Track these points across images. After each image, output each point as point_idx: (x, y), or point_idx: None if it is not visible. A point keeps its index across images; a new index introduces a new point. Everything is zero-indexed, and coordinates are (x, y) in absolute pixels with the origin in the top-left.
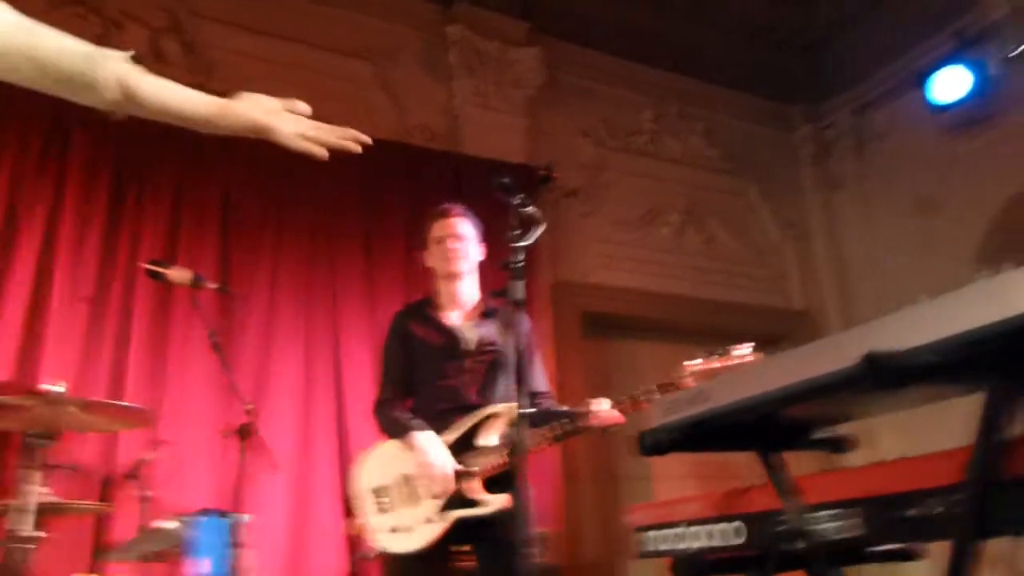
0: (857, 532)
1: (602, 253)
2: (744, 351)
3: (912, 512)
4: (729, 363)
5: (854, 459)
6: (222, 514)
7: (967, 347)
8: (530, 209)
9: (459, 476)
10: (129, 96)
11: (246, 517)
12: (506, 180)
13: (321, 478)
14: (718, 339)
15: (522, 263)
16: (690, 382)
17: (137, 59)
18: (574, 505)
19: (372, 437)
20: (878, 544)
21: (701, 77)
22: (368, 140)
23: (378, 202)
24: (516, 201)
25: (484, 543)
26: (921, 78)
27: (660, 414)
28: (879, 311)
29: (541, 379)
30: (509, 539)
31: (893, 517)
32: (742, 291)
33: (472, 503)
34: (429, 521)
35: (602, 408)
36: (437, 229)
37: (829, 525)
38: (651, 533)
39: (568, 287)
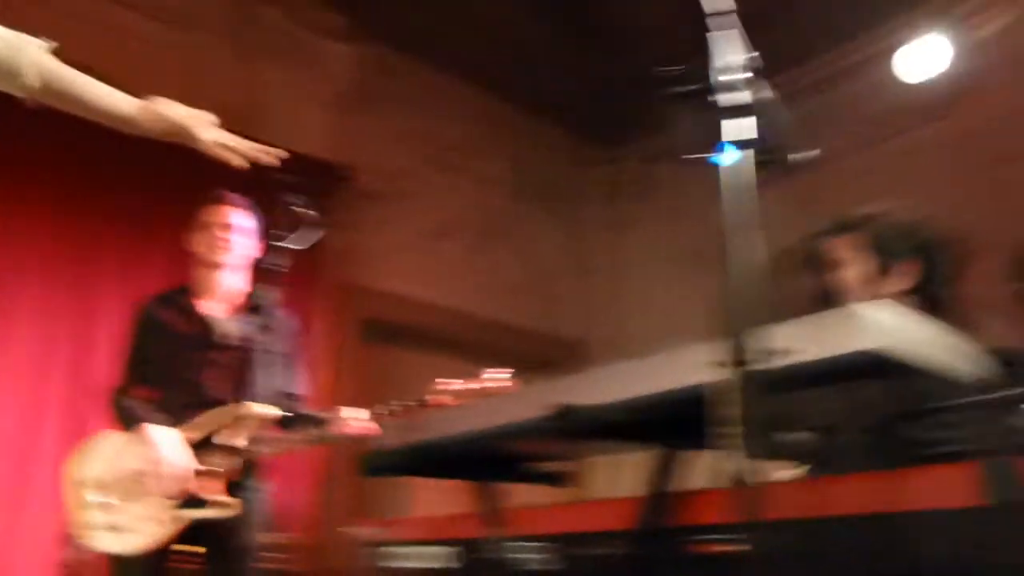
0: (552, 566)
1: (395, 261)
2: (502, 376)
3: (598, 550)
4: (485, 386)
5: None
6: None
7: (643, 410)
8: (309, 211)
9: (199, 475)
10: (47, 85)
11: None
12: (289, 177)
13: (45, 467)
14: (496, 359)
15: (283, 266)
16: (445, 400)
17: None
18: (329, 511)
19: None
20: None
21: (514, 102)
22: (285, 155)
23: (154, 178)
24: (294, 201)
25: (216, 547)
26: None
27: (385, 438)
28: (644, 349)
29: (299, 382)
30: (242, 544)
31: (583, 554)
32: (523, 315)
33: (209, 504)
34: (156, 521)
35: (354, 418)
36: (208, 214)
37: (529, 556)
38: (377, 549)
39: (355, 291)
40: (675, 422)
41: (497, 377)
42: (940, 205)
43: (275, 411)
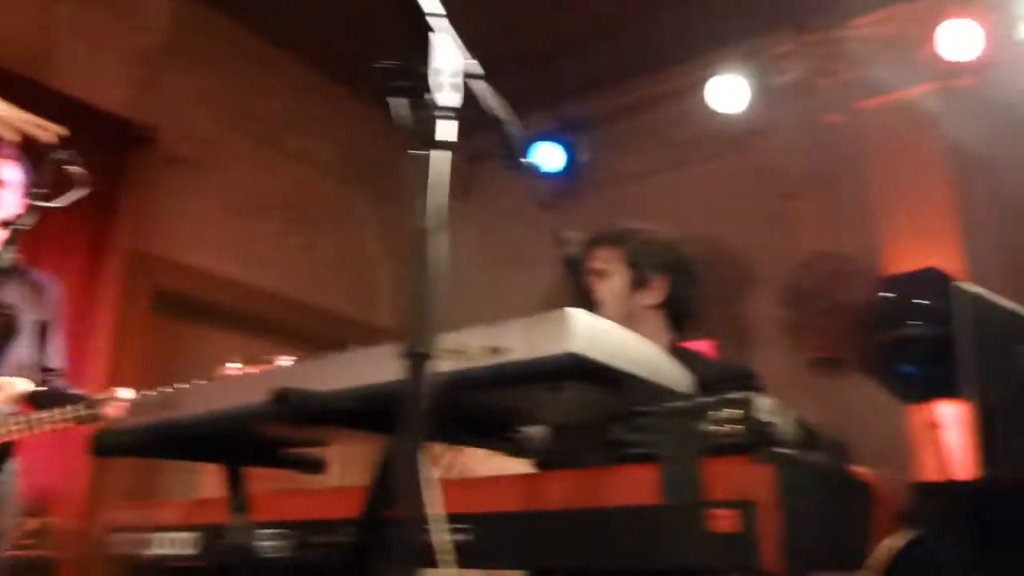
0: (288, 553)
1: (196, 233)
2: (287, 363)
3: (331, 538)
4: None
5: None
6: None
7: (357, 400)
8: (75, 169)
9: None
10: None
11: None
12: (59, 128)
13: None
14: (302, 342)
15: (24, 224)
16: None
17: None
18: (101, 494)
19: None
20: (305, 565)
21: (341, 82)
22: (63, 131)
23: None
24: (63, 156)
25: None
26: (526, 144)
27: (134, 414)
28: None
29: (57, 355)
30: None
31: (317, 541)
32: (334, 299)
33: None
34: None
35: (126, 398)
36: None
37: (268, 544)
38: (122, 535)
39: (148, 260)
40: (387, 414)
41: (285, 364)
42: (730, 231)
43: (27, 386)
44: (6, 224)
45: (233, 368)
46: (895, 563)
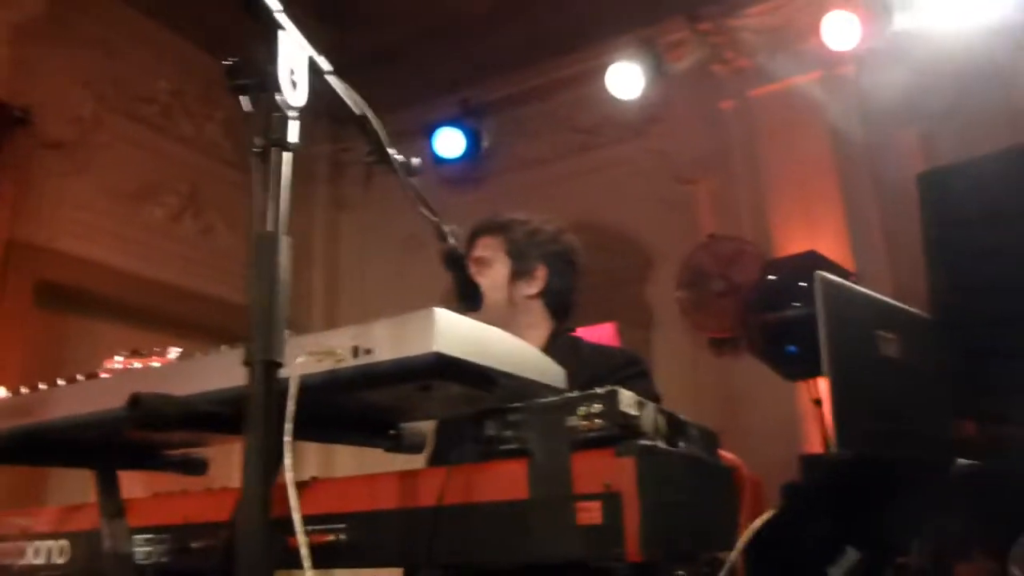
0: (163, 558)
1: (79, 220)
2: (170, 356)
3: (202, 543)
4: (151, 365)
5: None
6: None
7: (217, 403)
8: None
9: None
10: None
11: None
12: None
13: None
14: (199, 333)
15: None
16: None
17: None
18: None
19: None
20: (180, 571)
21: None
22: None
23: None
24: None
25: None
26: (429, 130)
27: None
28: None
29: None
30: None
31: (189, 546)
32: (231, 289)
33: None
34: None
35: None
36: None
37: (142, 549)
38: None
39: (26, 249)
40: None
41: (169, 357)
42: (630, 215)
43: None
44: None
45: (117, 363)
46: (755, 542)
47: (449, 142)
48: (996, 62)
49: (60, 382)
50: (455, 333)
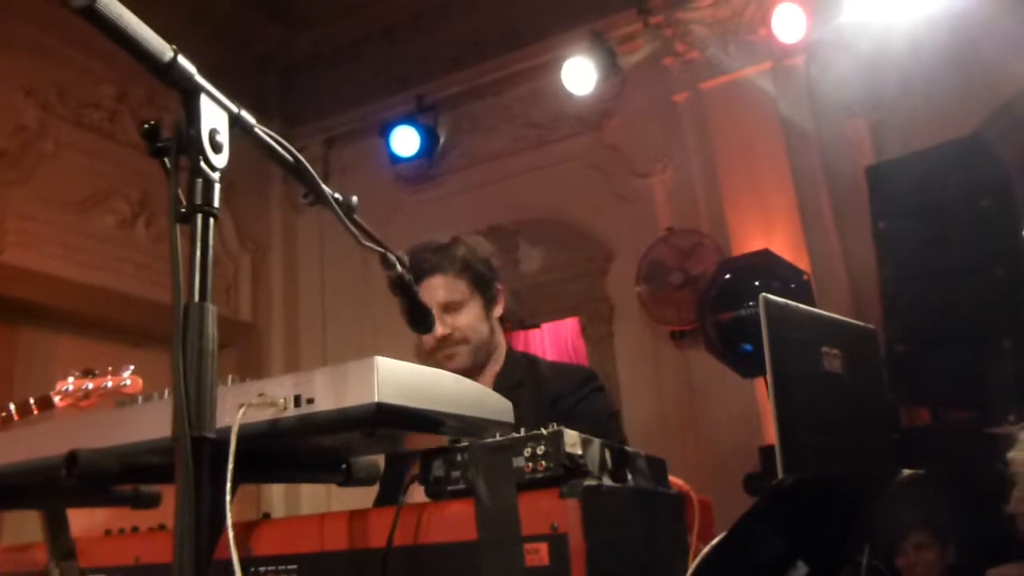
0: None
1: (24, 231)
2: (124, 375)
3: None
4: (105, 384)
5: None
6: None
7: (152, 454)
8: None
9: None
10: None
11: None
12: None
13: None
14: (153, 342)
15: None
16: (64, 401)
17: None
18: None
19: None
20: None
21: None
22: None
23: None
24: None
25: None
26: (384, 128)
27: None
28: (322, 334)
29: None
30: None
31: None
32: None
33: None
34: None
35: None
36: None
37: None
38: None
39: None
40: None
41: (121, 376)
42: (588, 209)
43: None
44: None
45: (70, 383)
46: (704, 565)
47: (405, 140)
48: (943, 52)
49: (11, 407)
50: (396, 380)
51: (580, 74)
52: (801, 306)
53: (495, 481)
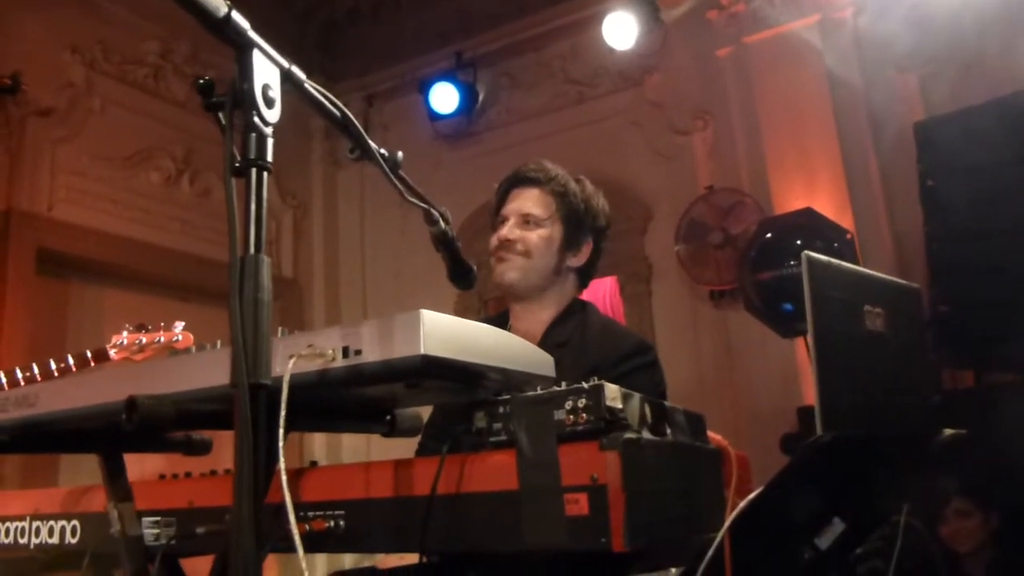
0: (171, 541)
1: (74, 187)
2: (176, 330)
3: (208, 527)
4: (158, 339)
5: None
6: None
7: (207, 402)
8: None
9: None
10: None
11: None
12: None
13: None
14: (199, 296)
15: None
16: (120, 354)
17: None
18: None
19: None
20: (186, 554)
21: None
22: None
23: None
24: None
25: None
26: (424, 85)
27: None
28: (362, 288)
29: None
30: None
31: (194, 530)
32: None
33: None
34: None
35: None
36: None
37: (150, 531)
38: (3, 523)
39: (25, 218)
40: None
41: (173, 331)
42: (628, 166)
43: None
44: None
45: (124, 337)
46: (741, 520)
47: (444, 97)
48: (995, 3)
49: (69, 358)
50: (442, 333)
51: (621, 29)
52: (844, 264)
53: (536, 433)
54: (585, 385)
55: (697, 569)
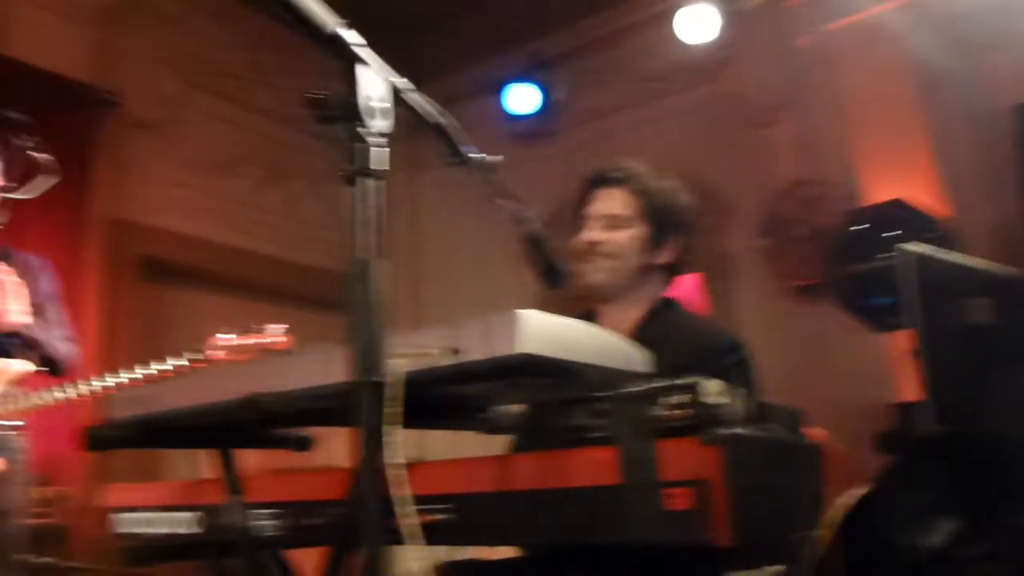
0: (282, 532)
1: (167, 195)
2: (277, 332)
3: (316, 520)
4: (260, 342)
5: None
6: None
7: (325, 399)
8: (43, 156)
9: None
10: None
11: None
12: (14, 115)
13: None
14: (290, 300)
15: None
16: (220, 356)
17: None
18: (108, 465)
19: None
20: (295, 544)
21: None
22: None
23: None
24: (25, 144)
25: None
26: (499, 86)
27: (114, 409)
28: (443, 291)
29: (61, 328)
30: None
31: (303, 522)
32: (317, 255)
33: None
34: None
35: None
36: None
37: (262, 523)
38: (123, 515)
39: (126, 227)
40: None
41: (275, 333)
42: (706, 162)
43: (26, 367)
44: None
45: (223, 340)
46: (850, 517)
47: (521, 98)
48: None
49: (170, 360)
50: (541, 332)
51: (695, 22)
52: (944, 254)
53: (636, 429)
54: (684, 381)
55: (802, 567)
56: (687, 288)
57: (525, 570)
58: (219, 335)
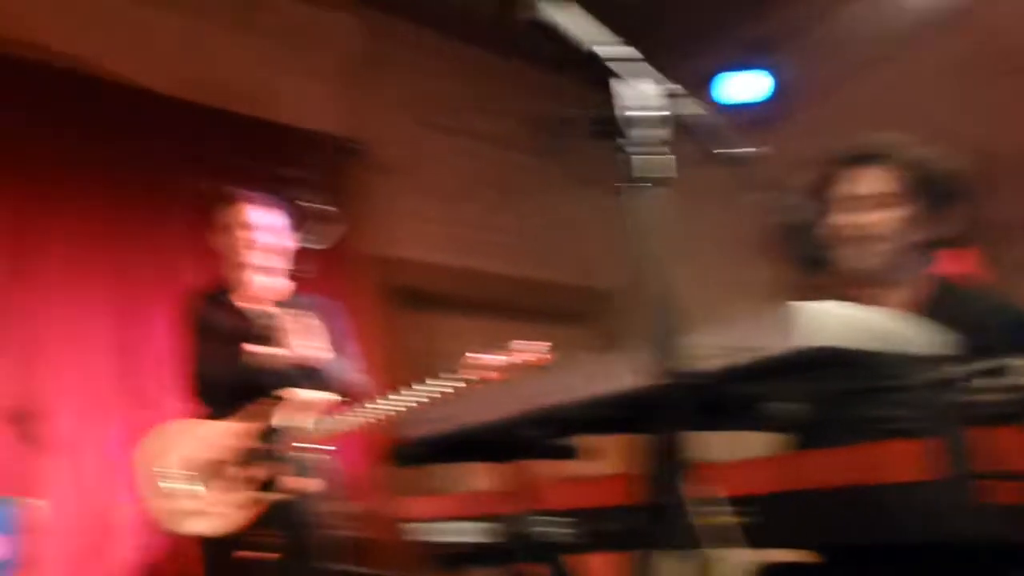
0: (579, 539)
1: (414, 229)
2: (535, 348)
3: (613, 525)
4: (515, 359)
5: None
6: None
7: (609, 407)
8: (329, 209)
9: (271, 458)
10: None
11: (35, 502)
12: (292, 173)
13: (120, 456)
14: (529, 317)
15: (308, 271)
16: (483, 375)
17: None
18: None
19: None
20: (589, 550)
21: (518, 57)
22: None
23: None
24: (310, 199)
25: (289, 526)
26: (720, 76)
27: (414, 428)
28: (683, 300)
29: (350, 365)
30: (311, 520)
31: (599, 528)
32: (552, 270)
33: (278, 487)
34: (238, 504)
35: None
36: (227, 215)
37: (559, 531)
38: (419, 525)
39: (378, 261)
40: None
41: (533, 349)
42: (958, 122)
43: (330, 396)
44: (289, 272)
45: (478, 358)
46: None
47: (742, 85)
48: None
49: (429, 381)
50: (828, 322)
51: None
52: None
53: (943, 418)
54: (996, 363)
55: None
56: (961, 263)
57: (838, 573)
58: (470, 354)
